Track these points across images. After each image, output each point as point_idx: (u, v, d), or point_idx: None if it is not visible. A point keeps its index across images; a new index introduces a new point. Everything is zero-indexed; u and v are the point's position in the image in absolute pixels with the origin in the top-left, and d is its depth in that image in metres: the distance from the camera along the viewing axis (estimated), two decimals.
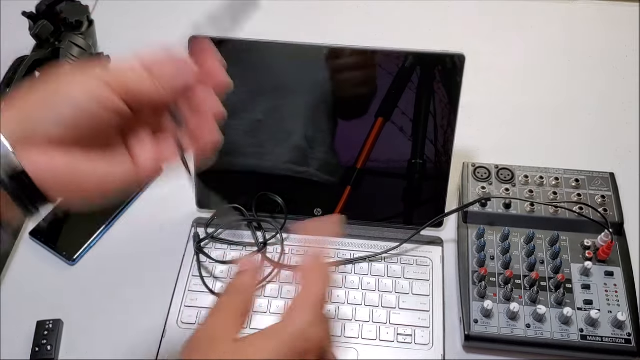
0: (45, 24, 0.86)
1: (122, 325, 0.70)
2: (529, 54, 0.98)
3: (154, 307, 0.71)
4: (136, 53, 0.42)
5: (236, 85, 0.46)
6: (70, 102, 0.38)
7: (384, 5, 1.04)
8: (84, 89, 0.39)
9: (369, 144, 0.74)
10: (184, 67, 0.43)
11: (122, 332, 0.70)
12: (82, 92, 0.39)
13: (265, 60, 0.71)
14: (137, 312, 0.71)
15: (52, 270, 0.75)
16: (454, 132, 0.73)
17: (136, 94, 0.41)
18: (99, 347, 0.69)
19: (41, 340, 0.68)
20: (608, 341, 0.65)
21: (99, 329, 0.70)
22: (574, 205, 0.73)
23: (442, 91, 0.71)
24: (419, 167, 0.75)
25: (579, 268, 0.70)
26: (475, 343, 0.67)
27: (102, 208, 0.79)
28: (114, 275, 0.74)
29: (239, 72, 0.73)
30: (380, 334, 0.69)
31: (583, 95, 0.93)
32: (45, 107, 0.38)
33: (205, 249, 0.75)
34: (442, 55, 0.70)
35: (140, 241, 0.77)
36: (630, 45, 0.99)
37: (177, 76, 0.42)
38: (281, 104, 0.73)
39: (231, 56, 0.49)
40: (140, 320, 0.70)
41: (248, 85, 0.71)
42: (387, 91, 0.72)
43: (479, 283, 0.68)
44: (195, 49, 0.44)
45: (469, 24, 1.02)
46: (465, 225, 0.74)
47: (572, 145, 0.87)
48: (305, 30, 0.99)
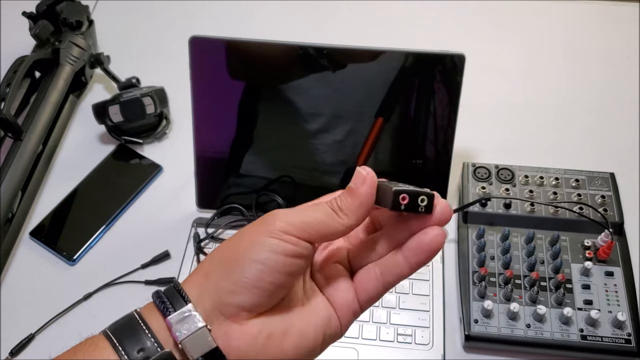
0: (45, 24, 0.86)
1: None
2: (529, 54, 0.98)
3: None
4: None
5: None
6: (255, 265, 0.36)
7: (384, 5, 1.04)
8: (265, 247, 0.36)
9: (369, 143, 0.74)
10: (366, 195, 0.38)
11: None
12: (263, 249, 0.36)
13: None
14: None
15: (52, 270, 0.75)
16: (454, 132, 0.73)
17: (317, 230, 0.37)
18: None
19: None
20: (608, 341, 0.65)
21: (99, 329, 0.70)
22: (574, 205, 0.73)
23: (442, 91, 0.71)
24: (419, 167, 0.75)
25: (579, 268, 0.70)
26: (475, 343, 0.67)
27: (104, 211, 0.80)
28: (114, 275, 0.74)
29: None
30: (380, 333, 0.69)
31: (583, 95, 0.93)
32: (231, 276, 0.36)
33: (205, 249, 0.75)
34: (442, 55, 0.70)
35: (141, 241, 0.77)
36: (631, 45, 0.99)
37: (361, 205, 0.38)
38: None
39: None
40: None
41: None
42: (387, 91, 0.72)
43: (479, 283, 0.68)
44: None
45: (469, 24, 1.02)
46: (466, 225, 0.74)
47: (572, 145, 0.87)
48: (305, 30, 0.99)
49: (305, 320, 0.38)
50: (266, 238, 0.36)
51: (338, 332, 0.39)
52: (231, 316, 0.36)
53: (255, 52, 0.71)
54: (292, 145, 0.75)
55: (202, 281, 0.37)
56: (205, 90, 0.72)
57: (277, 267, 0.36)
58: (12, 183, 0.75)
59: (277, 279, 0.36)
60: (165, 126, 0.86)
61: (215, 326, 0.36)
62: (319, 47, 0.69)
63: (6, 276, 0.75)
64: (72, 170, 0.84)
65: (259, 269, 0.36)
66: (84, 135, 0.88)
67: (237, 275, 0.36)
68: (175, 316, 0.36)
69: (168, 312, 0.36)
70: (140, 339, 0.36)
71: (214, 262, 0.38)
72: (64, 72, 0.85)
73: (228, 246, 0.38)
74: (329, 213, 0.37)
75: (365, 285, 0.39)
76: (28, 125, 0.79)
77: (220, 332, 0.36)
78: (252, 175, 0.77)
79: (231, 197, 0.77)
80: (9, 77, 0.81)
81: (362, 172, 0.37)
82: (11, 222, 0.75)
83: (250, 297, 0.36)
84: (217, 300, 0.36)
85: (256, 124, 0.75)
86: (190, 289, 0.37)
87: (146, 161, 0.84)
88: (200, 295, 0.37)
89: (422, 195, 0.37)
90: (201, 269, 0.39)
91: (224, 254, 0.38)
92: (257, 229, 0.37)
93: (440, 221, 0.37)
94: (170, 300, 0.37)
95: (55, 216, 0.79)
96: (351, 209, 0.37)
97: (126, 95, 0.82)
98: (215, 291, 0.36)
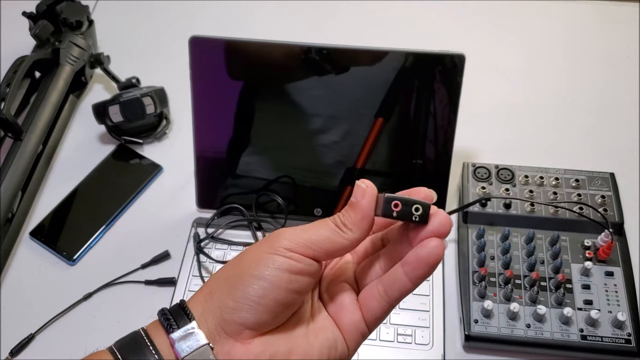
0: (45, 24, 0.86)
1: (123, 325, 0.70)
2: (529, 54, 0.98)
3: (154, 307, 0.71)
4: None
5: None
6: (258, 282, 0.36)
7: (384, 5, 1.04)
8: (269, 264, 0.36)
9: (369, 144, 0.74)
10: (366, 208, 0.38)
11: (122, 332, 0.69)
12: (267, 266, 0.36)
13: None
14: (137, 312, 0.71)
15: (52, 270, 0.75)
16: (454, 132, 0.73)
17: (322, 246, 0.37)
18: (99, 347, 0.68)
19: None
20: (608, 341, 0.65)
21: (99, 329, 0.70)
22: (574, 205, 0.73)
23: (442, 91, 0.71)
24: (419, 167, 0.75)
25: (579, 268, 0.70)
26: (475, 343, 0.67)
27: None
28: (114, 275, 0.74)
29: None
30: (380, 334, 0.69)
31: (583, 95, 0.93)
32: (234, 294, 0.36)
33: (205, 249, 0.75)
34: (442, 55, 0.70)
35: (141, 241, 0.77)
36: (631, 45, 0.99)
37: (363, 219, 0.38)
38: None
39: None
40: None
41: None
42: (387, 91, 0.72)
43: (479, 283, 0.68)
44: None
45: (469, 24, 1.02)
46: (466, 225, 0.74)
47: (572, 145, 0.87)
48: (305, 30, 0.99)
49: (310, 341, 0.38)
50: (270, 255, 0.36)
51: (345, 354, 0.39)
52: (234, 334, 0.36)
53: (255, 52, 0.71)
54: (292, 145, 0.75)
55: (206, 299, 0.37)
56: (205, 90, 0.72)
57: (280, 284, 0.36)
58: (12, 183, 0.75)
59: (280, 296, 0.36)
60: (165, 126, 0.86)
61: (218, 345, 0.36)
62: (319, 47, 0.69)
63: (6, 276, 0.75)
64: (72, 170, 0.84)
65: (262, 285, 0.36)
66: (84, 135, 0.88)
67: (240, 292, 0.36)
68: (178, 333, 0.36)
69: (172, 329, 0.36)
70: (143, 355, 0.36)
71: (219, 280, 0.38)
72: (64, 72, 0.85)
73: (233, 264, 0.38)
74: (333, 229, 0.37)
75: (370, 303, 0.39)
76: (28, 125, 0.79)
77: (223, 351, 0.36)
78: (252, 175, 0.77)
79: (231, 197, 0.77)
80: (9, 77, 0.81)
81: (362, 185, 0.38)
82: (11, 222, 0.75)
83: (253, 314, 0.36)
84: (220, 318, 0.36)
85: (255, 124, 0.75)
86: (194, 306, 0.37)
87: (146, 161, 0.84)
88: (203, 313, 0.37)
89: (417, 204, 0.36)
90: (206, 286, 0.39)
91: (229, 272, 0.38)
92: (261, 247, 0.37)
93: (439, 232, 0.37)
94: (174, 317, 0.37)
95: (55, 216, 0.79)
96: (354, 223, 0.37)
97: (126, 95, 0.82)
98: (218, 309, 0.36)
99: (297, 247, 0.37)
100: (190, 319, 0.36)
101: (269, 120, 0.74)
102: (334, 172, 0.76)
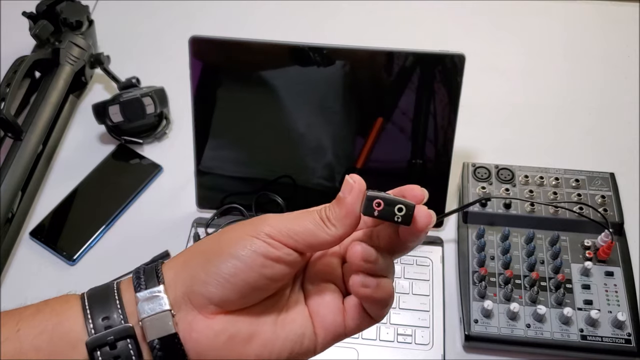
0: (45, 24, 0.86)
1: None
2: (529, 54, 0.98)
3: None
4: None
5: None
6: (232, 260, 0.36)
7: (384, 5, 1.04)
8: (247, 245, 0.36)
9: (369, 144, 0.74)
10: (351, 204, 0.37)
11: None
12: (244, 247, 0.36)
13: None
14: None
15: (52, 270, 0.75)
16: (454, 132, 0.73)
17: (304, 238, 0.37)
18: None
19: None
20: (608, 341, 0.65)
21: None
22: (574, 205, 0.73)
23: (442, 91, 0.71)
24: (419, 167, 0.75)
25: (579, 268, 0.70)
26: (475, 343, 0.67)
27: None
28: (114, 275, 0.74)
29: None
30: (380, 334, 0.69)
31: (583, 95, 0.93)
32: (207, 267, 0.36)
33: None
34: (442, 55, 0.70)
35: (141, 241, 0.77)
36: (631, 45, 0.99)
37: (347, 215, 0.37)
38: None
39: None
40: None
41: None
42: (387, 91, 0.72)
43: (479, 283, 0.68)
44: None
45: (469, 24, 1.02)
46: (465, 225, 0.74)
47: (572, 145, 0.87)
48: (305, 30, 0.99)
49: (275, 331, 0.37)
50: (250, 237, 0.36)
51: (310, 351, 0.38)
52: (199, 307, 0.36)
53: (255, 52, 0.71)
54: (292, 145, 0.75)
55: (180, 266, 0.38)
56: (205, 90, 0.72)
57: (254, 267, 0.36)
58: (12, 183, 0.75)
59: (251, 278, 0.36)
60: (165, 126, 0.86)
61: (181, 313, 0.36)
62: (319, 47, 0.69)
63: (6, 276, 0.75)
64: (72, 170, 0.84)
65: (235, 264, 0.36)
66: (84, 135, 0.88)
67: (213, 267, 0.36)
68: (144, 293, 0.36)
69: (140, 288, 0.36)
70: (109, 308, 0.36)
71: (196, 251, 0.38)
72: (64, 72, 0.85)
73: (213, 238, 0.38)
74: (317, 222, 0.37)
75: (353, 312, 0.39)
76: (28, 125, 0.79)
77: (186, 320, 0.36)
78: (252, 175, 0.77)
79: (231, 197, 0.77)
80: (9, 77, 0.81)
81: (350, 180, 0.37)
82: (11, 222, 0.75)
83: (220, 290, 0.36)
84: (190, 287, 0.36)
85: (256, 125, 0.75)
86: (167, 271, 0.37)
87: (146, 161, 0.84)
88: (174, 279, 0.37)
89: (400, 204, 0.35)
90: (183, 254, 0.39)
91: (207, 246, 0.38)
92: (244, 228, 0.37)
93: (418, 232, 0.36)
94: (145, 277, 0.37)
95: (55, 216, 0.79)
96: (338, 219, 0.36)
97: (126, 95, 0.82)
98: (189, 278, 0.36)
99: (278, 235, 0.36)
100: (160, 282, 0.36)
101: (268, 120, 0.74)
102: (334, 172, 0.76)
